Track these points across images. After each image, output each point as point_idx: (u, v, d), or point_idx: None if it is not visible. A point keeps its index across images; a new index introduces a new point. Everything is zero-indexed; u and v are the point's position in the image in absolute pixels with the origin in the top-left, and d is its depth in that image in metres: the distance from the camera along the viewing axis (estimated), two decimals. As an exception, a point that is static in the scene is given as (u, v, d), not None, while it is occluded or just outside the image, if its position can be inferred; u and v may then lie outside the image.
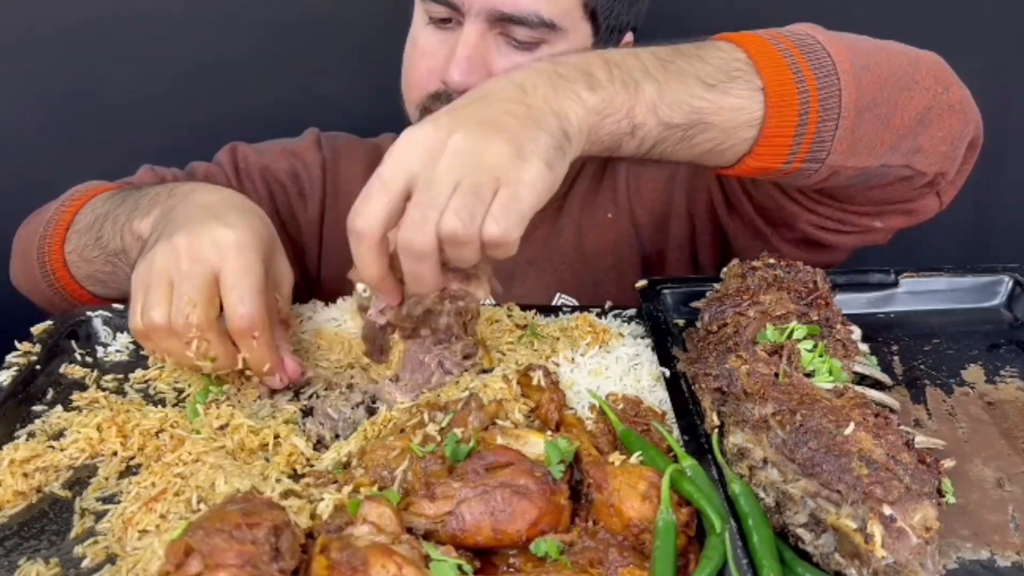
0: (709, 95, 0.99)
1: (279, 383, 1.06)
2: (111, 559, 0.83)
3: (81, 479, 0.95)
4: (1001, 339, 1.16)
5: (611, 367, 1.08)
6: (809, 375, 0.93)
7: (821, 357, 0.95)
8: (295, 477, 0.93)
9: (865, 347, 1.06)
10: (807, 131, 1.02)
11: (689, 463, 0.86)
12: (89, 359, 1.17)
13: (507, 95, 0.92)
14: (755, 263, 1.13)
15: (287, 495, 0.86)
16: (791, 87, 1.01)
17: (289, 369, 1.06)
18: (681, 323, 1.16)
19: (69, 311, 1.22)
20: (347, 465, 0.93)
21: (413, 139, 0.88)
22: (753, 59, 1.02)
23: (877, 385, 1.02)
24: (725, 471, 0.86)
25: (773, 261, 1.13)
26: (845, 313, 1.07)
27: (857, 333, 1.04)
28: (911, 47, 1.16)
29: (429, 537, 0.79)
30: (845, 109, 1.02)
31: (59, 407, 1.05)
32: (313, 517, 0.83)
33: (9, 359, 1.12)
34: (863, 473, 0.77)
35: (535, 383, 1.01)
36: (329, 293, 1.50)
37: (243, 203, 1.12)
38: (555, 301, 1.52)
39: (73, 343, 1.17)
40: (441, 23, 1.33)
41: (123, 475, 0.95)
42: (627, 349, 1.11)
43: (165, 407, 1.05)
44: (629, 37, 1.46)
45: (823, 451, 0.80)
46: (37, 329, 1.18)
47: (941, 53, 1.18)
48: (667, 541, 0.78)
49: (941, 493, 0.81)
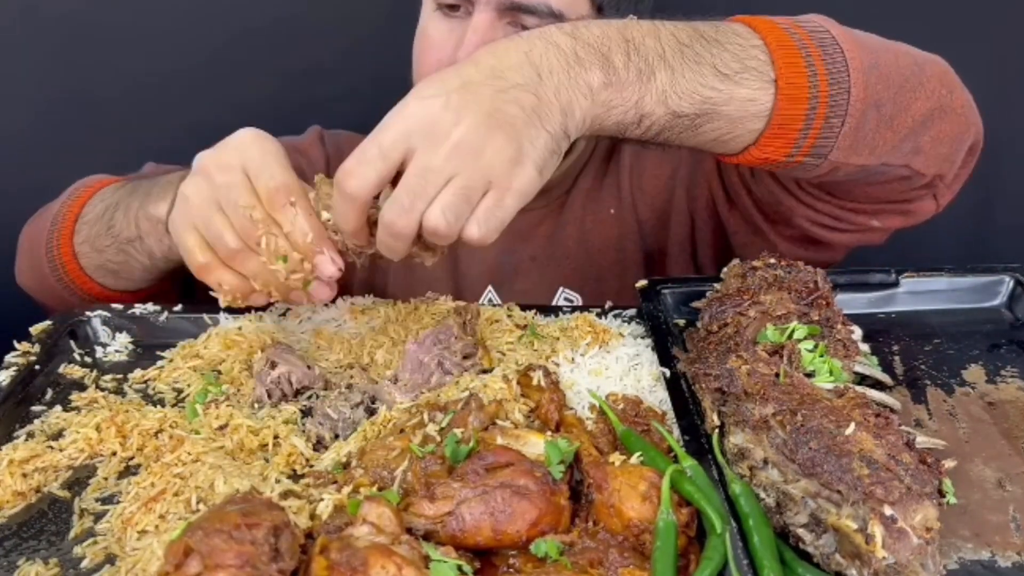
0: (722, 85, 0.99)
1: (331, 268, 1.02)
2: (110, 559, 0.83)
3: (80, 479, 0.95)
4: (1002, 339, 1.16)
5: (611, 367, 1.08)
6: (810, 375, 0.93)
7: (822, 357, 0.94)
8: (295, 477, 0.93)
9: (866, 347, 1.06)
10: (813, 126, 1.02)
11: (689, 463, 0.86)
12: (88, 359, 1.17)
13: (521, 79, 0.92)
14: (755, 263, 1.13)
15: (287, 495, 0.86)
16: (803, 82, 1.01)
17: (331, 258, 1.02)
18: (681, 323, 1.16)
19: (68, 311, 1.22)
20: (347, 465, 0.93)
21: (419, 113, 0.90)
22: (769, 49, 1.02)
23: (878, 385, 1.02)
24: (725, 471, 0.86)
25: (773, 261, 1.13)
26: (846, 313, 1.06)
27: (858, 333, 1.04)
28: (917, 49, 1.16)
29: (429, 538, 0.79)
30: (852, 107, 1.03)
31: (58, 407, 1.05)
32: (313, 517, 0.83)
33: (8, 359, 1.11)
34: (864, 473, 0.77)
35: (535, 383, 1.01)
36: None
37: None
38: (557, 296, 1.52)
39: (72, 343, 1.18)
40: (450, 10, 1.33)
41: (122, 475, 0.95)
42: (627, 349, 1.11)
43: (164, 407, 1.05)
44: None
45: (824, 451, 0.80)
46: (36, 329, 1.18)
47: (941, 54, 1.18)
48: (667, 542, 0.78)
49: (942, 493, 0.81)
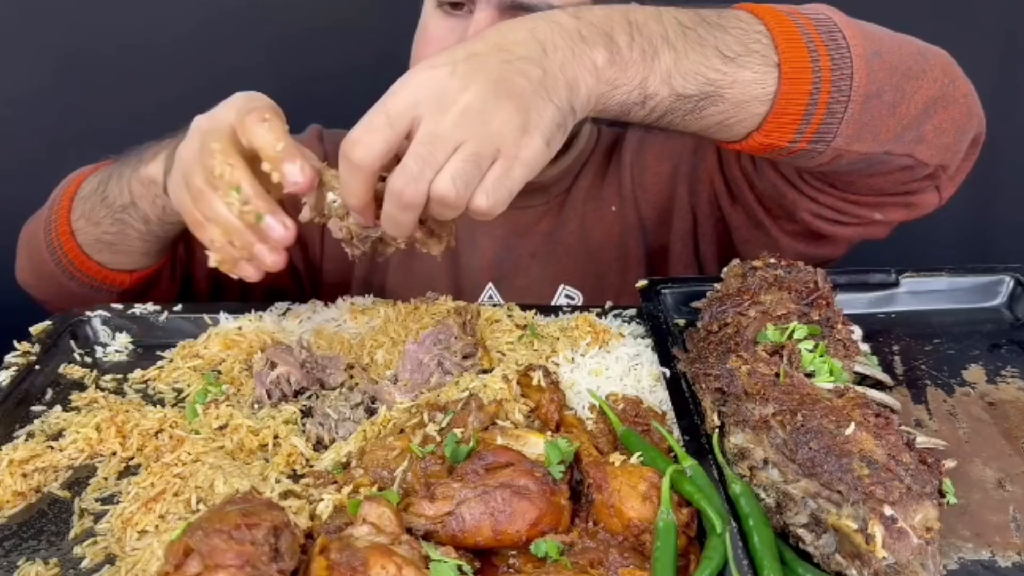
0: (725, 67, 1.00)
1: (298, 175, 0.97)
2: (110, 559, 0.83)
3: (80, 479, 0.95)
4: (1002, 339, 1.16)
5: (611, 367, 1.08)
6: (810, 375, 0.93)
7: (822, 357, 0.94)
8: (295, 477, 0.93)
9: (866, 347, 1.05)
10: (816, 111, 1.03)
11: (689, 463, 0.86)
12: (88, 359, 1.17)
13: (526, 52, 0.93)
14: (755, 263, 1.13)
15: (286, 495, 0.86)
16: (806, 65, 1.01)
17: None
18: (681, 323, 1.16)
19: (68, 311, 1.22)
20: (347, 465, 0.93)
21: (426, 81, 0.89)
22: (772, 34, 1.02)
23: (878, 385, 1.02)
24: (726, 471, 0.86)
25: (773, 261, 1.13)
26: (846, 313, 1.06)
27: (858, 333, 1.04)
28: (919, 39, 1.16)
29: (429, 538, 0.79)
30: (855, 93, 1.03)
31: (58, 407, 1.05)
32: (313, 518, 0.83)
33: (8, 359, 1.11)
34: (864, 473, 0.77)
35: (535, 383, 1.01)
36: (331, 285, 1.48)
37: None
38: (558, 294, 1.52)
39: (72, 343, 1.18)
40: (451, 8, 1.33)
41: (122, 475, 0.95)
42: (627, 349, 1.11)
43: (164, 407, 1.05)
44: None
45: (824, 451, 0.80)
46: (36, 329, 1.18)
47: (943, 48, 1.18)
48: (667, 542, 0.78)
49: (942, 493, 0.81)
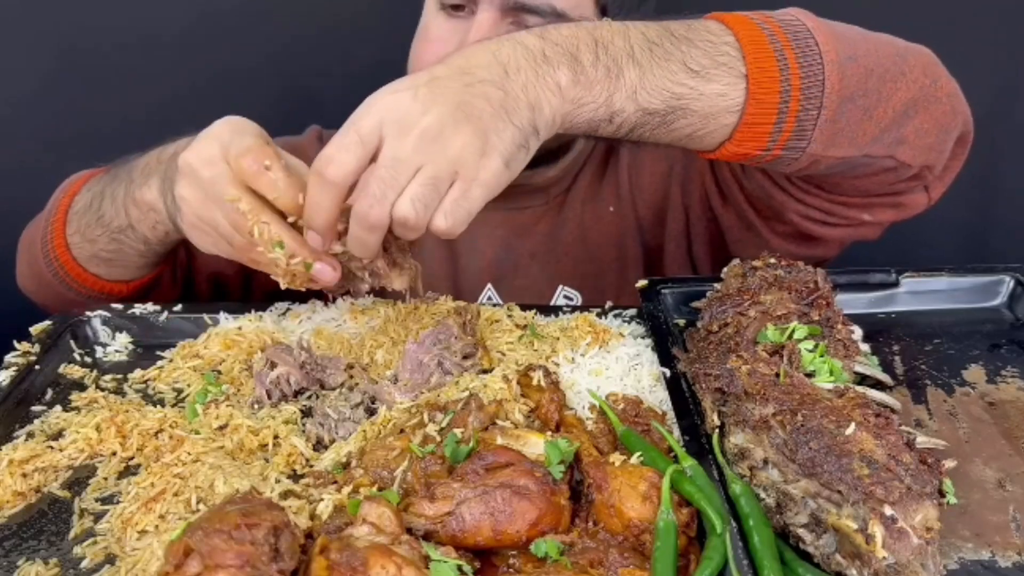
0: (691, 81, 1.00)
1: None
2: (110, 559, 0.83)
3: (80, 479, 0.95)
4: (1002, 339, 1.16)
5: (611, 367, 1.08)
6: (810, 375, 0.93)
7: (822, 357, 0.94)
8: (295, 477, 0.93)
9: (866, 347, 1.05)
10: (787, 120, 1.02)
11: (690, 463, 0.86)
12: (88, 359, 1.17)
13: (488, 75, 0.94)
14: (755, 263, 1.13)
15: (286, 495, 0.86)
16: (774, 75, 1.01)
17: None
18: (681, 323, 1.16)
19: (68, 311, 1.22)
20: (347, 465, 0.93)
21: (390, 104, 0.92)
22: (740, 44, 1.02)
23: (878, 385, 1.02)
24: (726, 471, 0.86)
25: (774, 261, 1.13)
26: (846, 313, 1.06)
27: (858, 333, 1.04)
28: (900, 39, 1.16)
29: (429, 538, 0.79)
30: (827, 99, 1.02)
31: (58, 407, 1.05)
32: (313, 518, 0.83)
33: (8, 359, 1.11)
34: (864, 473, 0.77)
35: (535, 383, 1.01)
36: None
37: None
38: (557, 294, 1.52)
39: (72, 343, 1.18)
40: (453, 10, 1.34)
41: (122, 475, 0.95)
42: (627, 349, 1.11)
43: (164, 407, 1.05)
44: None
45: (824, 451, 0.80)
46: (36, 329, 1.18)
47: (941, 52, 1.18)
48: (667, 542, 0.78)
49: (942, 493, 0.81)
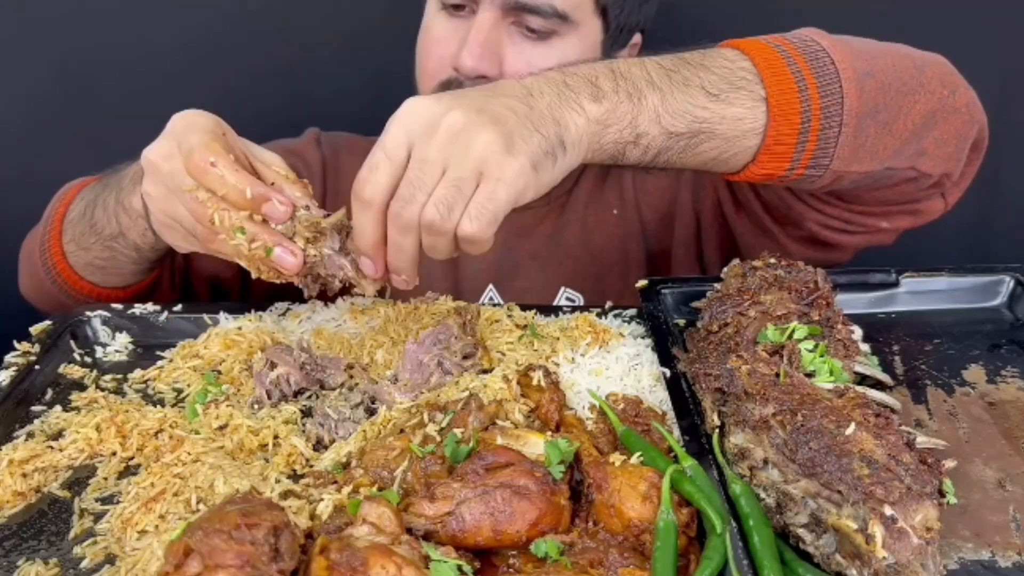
0: (712, 105, 1.01)
1: (280, 210, 1.03)
2: (110, 559, 0.83)
3: (80, 479, 0.95)
4: (1002, 339, 1.15)
5: (611, 367, 1.08)
6: (810, 375, 0.93)
7: (822, 357, 0.94)
8: (295, 477, 0.93)
9: (866, 347, 1.05)
10: (809, 139, 1.03)
11: (689, 463, 0.86)
12: (88, 359, 1.17)
13: (513, 92, 0.96)
14: (755, 263, 1.13)
15: (286, 495, 0.86)
16: (794, 96, 1.02)
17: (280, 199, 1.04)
18: (682, 323, 1.16)
19: (68, 311, 1.22)
20: (347, 465, 0.93)
21: (413, 110, 0.93)
22: (758, 68, 1.03)
23: (878, 385, 1.02)
24: (726, 471, 0.86)
25: (774, 261, 1.13)
26: (846, 313, 1.06)
27: (858, 333, 1.04)
28: (917, 50, 1.16)
29: (429, 538, 0.79)
30: (847, 116, 1.03)
31: (58, 407, 1.05)
32: (313, 518, 0.83)
33: (8, 359, 1.11)
34: (864, 473, 0.77)
35: (535, 383, 1.01)
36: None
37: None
38: (559, 296, 1.52)
39: (72, 343, 1.17)
40: (454, 10, 1.35)
41: (122, 475, 0.95)
42: (627, 349, 1.11)
43: (164, 407, 1.04)
44: (637, 38, 1.48)
45: (824, 451, 0.80)
46: (36, 329, 1.18)
47: (941, 53, 1.18)
48: (667, 542, 0.78)
49: (942, 493, 0.80)
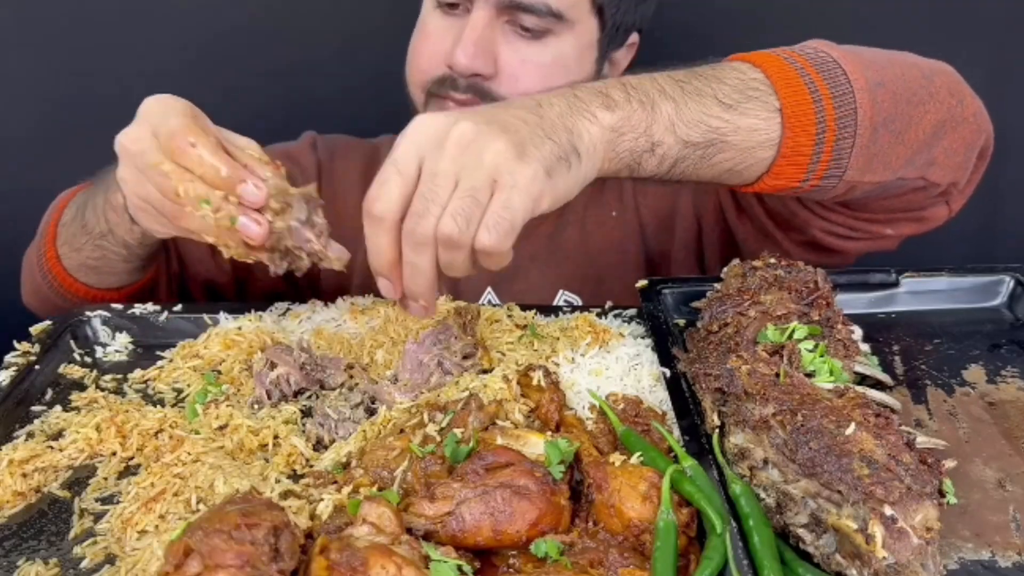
0: (726, 115, 1.00)
1: (255, 193, 1.01)
2: (110, 559, 0.83)
3: (80, 479, 0.95)
4: (1002, 339, 1.15)
5: (611, 367, 1.08)
6: (810, 375, 0.93)
7: (822, 357, 0.94)
8: (294, 477, 0.93)
9: (866, 347, 1.05)
10: (824, 150, 1.03)
11: (689, 463, 0.86)
12: (88, 359, 1.17)
13: (523, 104, 0.95)
14: (755, 263, 1.13)
15: (286, 495, 0.86)
16: (808, 107, 1.02)
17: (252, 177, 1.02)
18: (682, 323, 1.16)
19: (68, 311, 1.22)
20: (347, 465, 0.93)
21: (423, 125, 0.92)
22: (770, 79, 1.03)
23: (878, 385, 1.02)
24: (726, 471, 0.86)
25: (774, 261, 1.13)
26: (846, 313, 1.06)
27: (858, 333, 1.04)
28: (923, 58, 1.16)
29: (429, 538, 0.79)
30: (861, 126, 1.03)
31: (58, 407, 1.05)
32: (313, 518, 0.83)
33: (8, 359, 1.12)
34: (864, 473, 0.77)
35: (535, 383, 1.01)
36: (329, 291, 1.49)
37: None
38: (558, 298, 1.52)
39: (72, 343, 1.17)
40: (449, 8, 1.34)
41: (122, 475, 0.95)
42: (627, 349, 1.11)
43: (164, 407, 1.04)
44: (634, 38, 1.47)
45: (824, 451, 0.80)
46: (36, 329, 1.18)
47: (942, 54, 1.18)
48: (667, 542, 0.78)
49: (942, 493, 0.80)
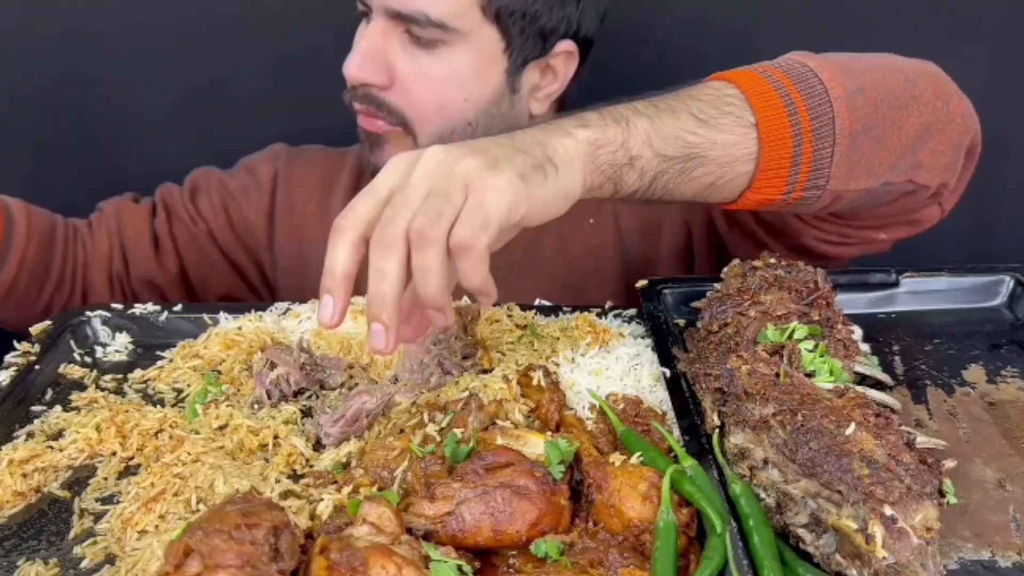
0: (701, 130, 0.99)
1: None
2: (110, 559, 0.83)
3: (80, 479, 0.95)
4: (1002, 339, 1.15)
5: (611, 367, 1.08)
6: (810, 375, 0.93)
7: (822, 357, 0.94)
8: (294, 477, 0.93)
9: (866, 347, 1.05)
10: (802, 160, 1.02)
11: (689, 463, 0.86)
12: (88, 359, 1.17)
13: (495, 137, 0.94)
14: (755, 263, 1.13)
15: (286, 495, 0.86)
16: (783, 120, 1.01)
17: None
18: (682, 323, 1.16)
19: (68, 311, 1.22)
20: (347, 465, 0.93)
21: (398, 158, 0.91)
22: (745, 94, 1.02)
23: (878, 385, 1.02)
24: (726, 471, 0.86)
25: (774, 261, 1.13)
26: (846, 313, 1.06)
27: (858, 333, 1.04)
28: (908, 60, 1.15)
29: (429, 538, 0.79)
30: (839, 135, 1.02)
31: (58, 407, 1.05)
32: (313, 518, 0.83)
33: (8, 359, 1.11)
34: (864, 473, 0.77)
35: (535, 383, 1.01)
36: (285, 290, 1.52)
37: None
38: None
39: (72, 343, 1.17)
40: (365, 17, 1.35)
41: (122, 475, 0.95)
42: (627, 349, 1.11)
43: (164, 407, 1.04)
44: (567, 46, 1.39)
45: (824, 451, 0.80)
46: (36, 329, 1.18)
47: (940, 54, 1.18)
48: (667, 542, 0.78)
49: (942, 493, 0.81)
